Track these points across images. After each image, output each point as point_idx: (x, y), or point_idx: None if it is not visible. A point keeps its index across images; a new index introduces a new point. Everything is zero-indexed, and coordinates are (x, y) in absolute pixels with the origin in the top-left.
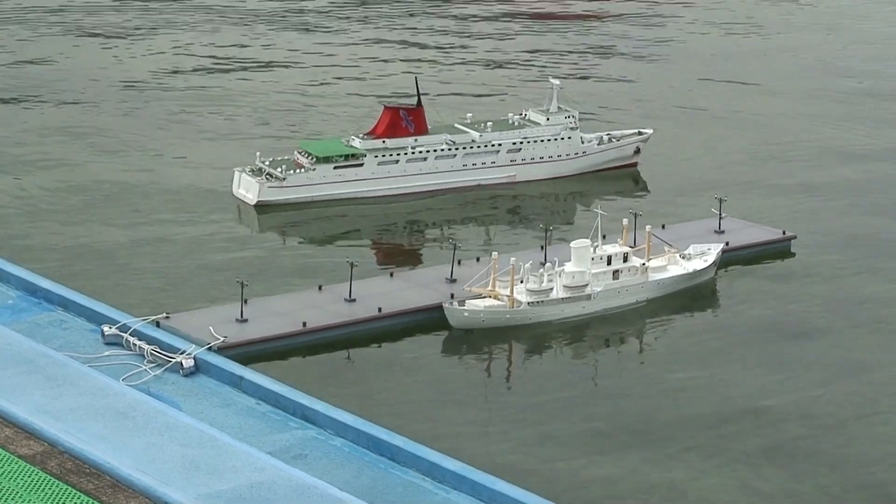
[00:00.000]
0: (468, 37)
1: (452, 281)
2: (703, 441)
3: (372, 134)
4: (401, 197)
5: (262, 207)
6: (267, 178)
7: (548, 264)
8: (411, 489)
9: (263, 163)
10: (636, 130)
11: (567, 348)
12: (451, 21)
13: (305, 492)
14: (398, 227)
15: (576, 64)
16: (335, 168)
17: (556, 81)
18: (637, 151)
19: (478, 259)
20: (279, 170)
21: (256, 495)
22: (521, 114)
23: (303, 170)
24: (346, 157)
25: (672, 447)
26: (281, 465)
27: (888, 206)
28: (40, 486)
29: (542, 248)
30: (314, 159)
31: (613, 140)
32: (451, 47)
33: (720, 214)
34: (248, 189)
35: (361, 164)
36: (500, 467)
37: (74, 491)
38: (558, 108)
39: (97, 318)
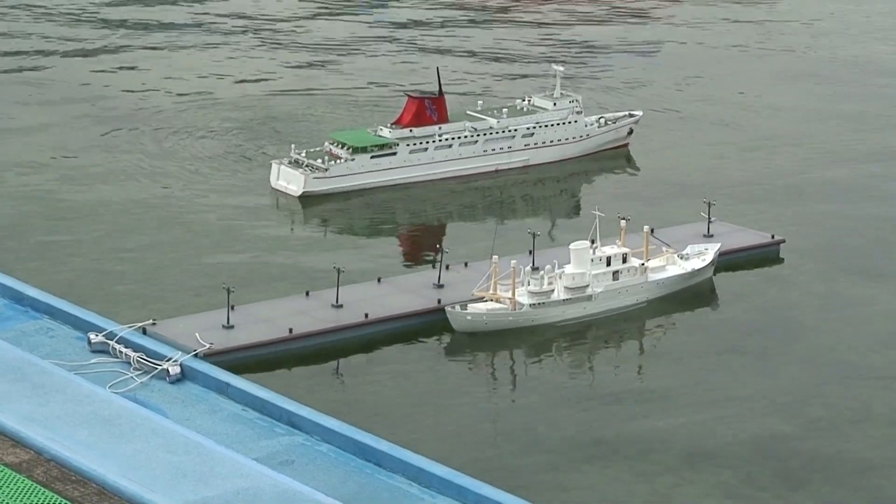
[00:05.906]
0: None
1: (440, 286)
2: (690, 449)
3: (398, 123)
4: (429, 183)
5: (306, 198)
6: (311, 170)
7: (547, 266)
8: (397, 494)
9: (300, 154)
10: (626, 112)
11: (565, 354)
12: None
13: (292, 498)
14: (397, 222)
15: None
16: (372, 157)
17: (560, 67)
18: (630, 132)
19: (466, 264)
20: (320, 161)
21: (243, 501)
22: (523, 99)
23: (342, 160)
24: (381, 146)
25: (659, 455)
26: (267, 471)
27: (876, 209)
28: (26, 493)
29: (530, 252)
30: (350, 150)
31: (609, 122)
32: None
33: (709, 218)
34: (290, 181)
35: (395, 153)
36: (486, 472)
37: (60, 499)
38: (561, 93)
39: (83, 326)
